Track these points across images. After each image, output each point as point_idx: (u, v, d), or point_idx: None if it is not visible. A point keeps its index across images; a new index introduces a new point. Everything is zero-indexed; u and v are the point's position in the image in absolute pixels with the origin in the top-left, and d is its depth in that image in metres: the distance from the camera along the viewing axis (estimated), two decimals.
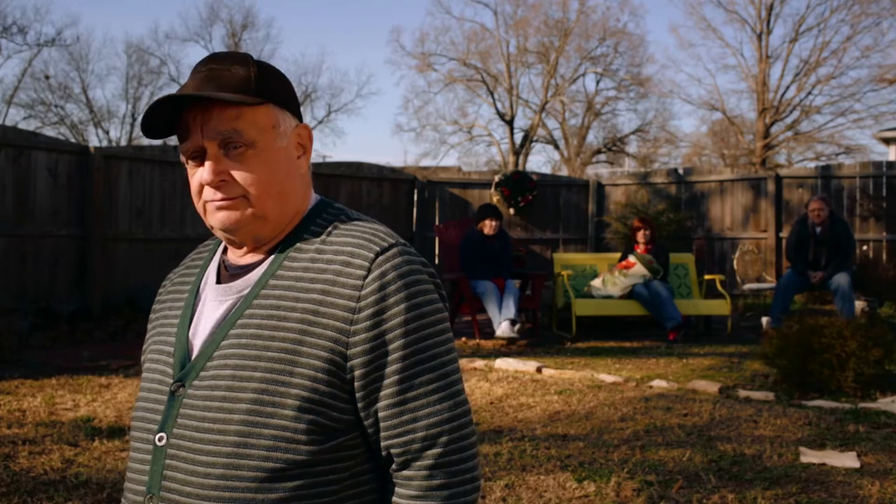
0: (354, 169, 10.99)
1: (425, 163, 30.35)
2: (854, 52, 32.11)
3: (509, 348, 7.05)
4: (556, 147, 31.99)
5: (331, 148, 67.16)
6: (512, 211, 11.44)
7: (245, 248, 1.24)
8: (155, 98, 1.15)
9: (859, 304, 8.05)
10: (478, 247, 7.81)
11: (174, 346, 1.23)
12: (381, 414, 1.14)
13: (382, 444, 1.15)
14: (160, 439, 1.18)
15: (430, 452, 1.13)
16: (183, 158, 1.21)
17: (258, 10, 53.32)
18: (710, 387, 5.14)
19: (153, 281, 9.05)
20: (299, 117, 1.25)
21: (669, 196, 11.46)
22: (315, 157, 32.58)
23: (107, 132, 32.43)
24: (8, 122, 27.65)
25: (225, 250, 1.29)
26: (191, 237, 9.17)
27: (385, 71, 68.33)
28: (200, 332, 1.22)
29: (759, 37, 25.70)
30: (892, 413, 4.37)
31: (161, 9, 53.02)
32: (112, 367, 5.90)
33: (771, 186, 10.83)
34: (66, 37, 37.05)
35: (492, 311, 7.38)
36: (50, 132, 28.71)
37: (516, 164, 28.74)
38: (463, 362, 6.22)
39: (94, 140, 31.83)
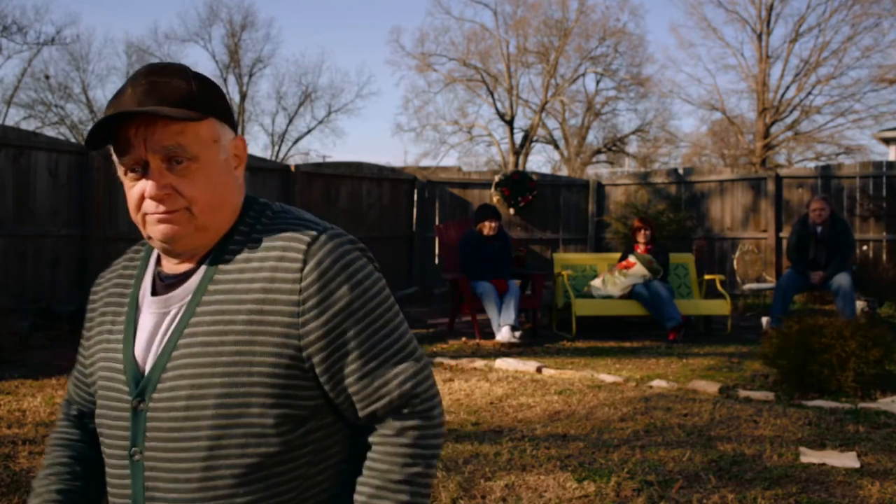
0: (354, 169, 10.99)
1: (425, 163, 30.38)
2: (854, 52, 32.18)
3: (510, 349, 7.05)
4: (556, 147, 32.00)
5: (331, 148, 67.17)
6: (512, 211, 11.44)
7: (181, 258, 1.26)
8: (102, 114, 1.17)
9: (859, 304, 8.05)
10: (477, 247, 7.81)
11: (123, 363, 1.25)
12: (351, 389, 1.20)
13: (360, 413, 1.21)
14: (135, 454, 1.22)
15: (405, 406, 1.21)
16: (121, 170, 1.23)
17: (258, 10, 53.39)
18: (710, 387, 5.14)
19: None
20: (234, 129, 1.28)
21: (669, 196, 11.46)
22: (315, 157, 32.57)
23: None
24: (8, 122, 27.66)
25: (158, 260, 1.31)
26: None
27: (385, 71, 68.40)
28: (146, 344, 1.24)
29: (760, 37, 25.72)
30: (892, 413, 4.37)
31: (161, 9, 53.02)
32: None
33: (771, 186, 10.83)
34: (66, 36, 37.07)
35: (491, 313, 7.38)
36: (50, 132, 28.72)
37: (516, 164, 28.74)
38: (463, 362, 6.22)
39: None
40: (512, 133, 30.30)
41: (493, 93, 30.63)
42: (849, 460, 3.47)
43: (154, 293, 1.27)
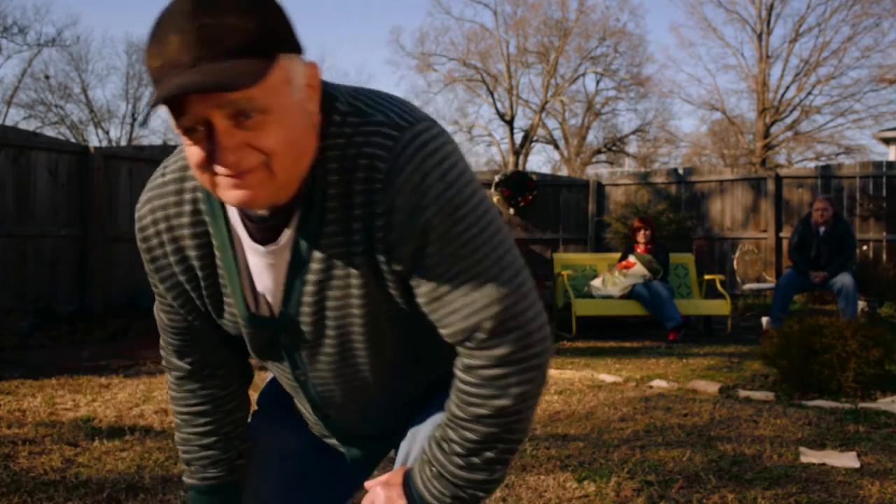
0: None
1: None
2: (854, 52, 32.23)
3: None
4: (556, 147, 32.00)
5: None
6: (512, 211, 11.44)
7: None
8: (159, 95, 0.95)
9: (859, 304, 8.05)
10: None
11: (247, 310, 1.25)
12: (433, 313, 1.17)
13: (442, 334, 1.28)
14: (300, 376, 1.31)
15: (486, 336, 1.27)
16: (178, 131, 1.02)
17: None
18: (710, 387, 5.14)
19: None
20: (301, 50, 1.06)
21: (669, 196, 11.46)
22: None
23: (107, 132, 32.46)
24: (8, 122, 27.67)
25: None
26: None
27: (385, 71, 68.46)
28: (266, 289, 1.22)
29: (760, 37, 25.71)
30: (892, 413, 4.37)
31: (161, 9, 53.00)
32: (112, 367, 5.90)
33: (771, 186, 10.83)
34: (66, 37, 37.07)
35: None
36: (50, 132, 28.74)
37: (516, 164, 28.74)
38: None
39: (94, 140, 31.86)
40: (512, 133, 30.30)
41: (493, 93, 30.65)
42: (849, 460, 3.47)
43: (252, 237, 1.17)
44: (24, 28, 25.97)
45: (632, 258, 7.99)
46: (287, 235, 1.14)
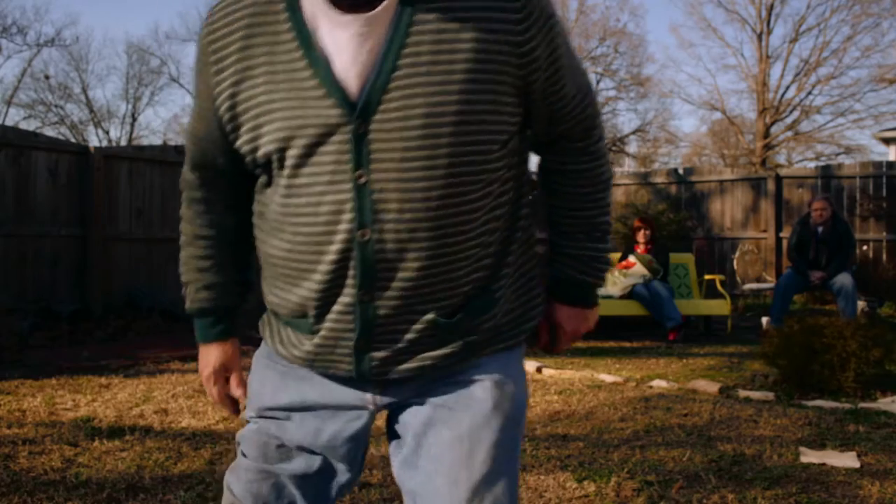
0: None
1: None
2: (854, 52, 32.24)
3: None
4: None
5: None
6: None
7: None
8: None
9: (859, 304, 8.06)
10: None
11: (325, 87, 1.17)
12: (559, 105, 1.33)
13: (559, 128, 1.40)
14: (360, 177, 1.18)
15: (594, 129, 1.49)
16: None
17: None
18: (710, 387, 5.14)
19: (153, 281, 9.09)
20: None
21: (670, 196, 11.46)
22: None
23: (107, 132, 32.46)
24: (8, 122, 27.66)
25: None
26: None
27: None
28: (349, 65, 1.17)
29: (759, 37, 25.70)
30: (892, 413, 4.37)
31: (161, 9, 53.02)
32: (112, 367, 5.90)
33: (771, 186, 10.83)
34: (66, 37, 37.07)
35: None
36: (50, 132, 28.73)
37: None
38: None
39: (94, 140, 31.86)
40: None
41: None
42: (849, 460, 3.47)
43: (341, 8, 1.16)
44: (23, 28, 26.00)
45: (632, 258, 7.99)
46: (382, 8, 1.15)
